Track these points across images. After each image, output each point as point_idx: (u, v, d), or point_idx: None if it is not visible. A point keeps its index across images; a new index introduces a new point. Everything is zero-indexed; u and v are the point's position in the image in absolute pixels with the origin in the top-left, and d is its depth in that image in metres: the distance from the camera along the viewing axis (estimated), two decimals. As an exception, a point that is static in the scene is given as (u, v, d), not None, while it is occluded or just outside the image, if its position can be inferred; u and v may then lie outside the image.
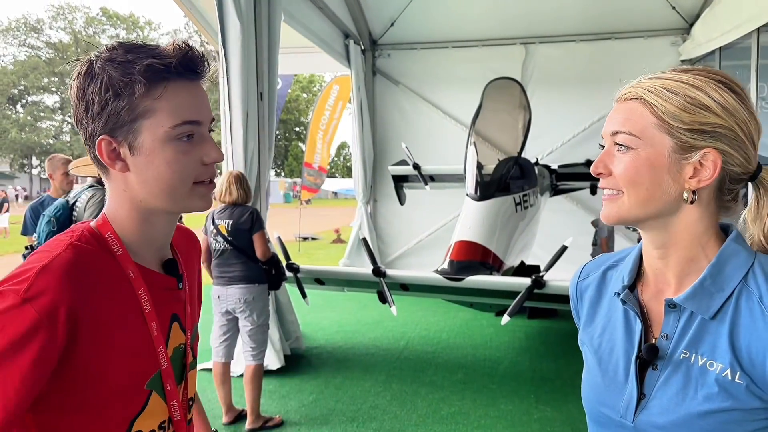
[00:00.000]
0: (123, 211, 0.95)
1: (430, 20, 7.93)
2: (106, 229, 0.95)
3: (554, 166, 6.70)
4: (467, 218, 5.13)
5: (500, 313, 6.07)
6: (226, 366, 3.89)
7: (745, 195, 0.94)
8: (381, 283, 4.58)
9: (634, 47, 7.63)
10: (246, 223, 3.78)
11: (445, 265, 4.81)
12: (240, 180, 3.89)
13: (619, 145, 0.91)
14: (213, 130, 0.97)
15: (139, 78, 0.87)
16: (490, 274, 4.88)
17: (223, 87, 4.64)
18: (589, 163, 6.79)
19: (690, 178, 0.88)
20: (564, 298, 4.48)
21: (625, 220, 0.93)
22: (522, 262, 5.83)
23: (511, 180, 5.42)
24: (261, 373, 3.86)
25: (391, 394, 4.34)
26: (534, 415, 3.99)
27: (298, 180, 18.12)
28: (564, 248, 4.45)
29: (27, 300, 0.81)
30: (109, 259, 0.92)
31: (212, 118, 0.96)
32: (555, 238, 6.28)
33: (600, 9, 7.30)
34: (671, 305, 0.91)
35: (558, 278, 4.41)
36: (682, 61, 7.59)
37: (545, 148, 7.65)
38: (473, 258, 4.86)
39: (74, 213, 3.62)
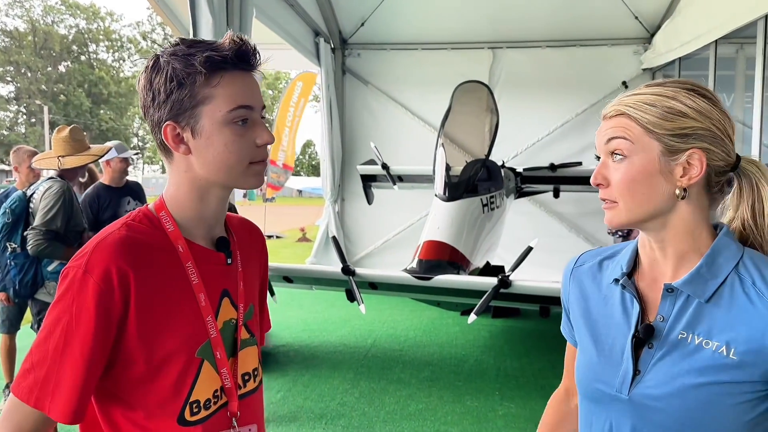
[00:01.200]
0: (182, 191, 1.05)
1: (400, 21, 8.00)
2: (160, 209, 1.06)
3: (519, 169, 6.84)
4: (436, 218, 5.21)
5: (465, 312, 6.19)
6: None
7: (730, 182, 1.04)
8: (350, 282, 4.61)
9: (599, 55, 7.84)
10: None
11: (414, 264, 4.88)
12: None
13: (614, 153, 1.00)
14: (264, 117, 1.07)
15: (200, 68, 0.98)
16: (458, 273, 4.96)
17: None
18: (552, 166, 6.97)
19: (681, 177, 0.97)
20: (528, 298, 4.61)
21: (628, 224, 1.01)
22: (487, 263, 5.95)
23: (479, 182, 5.52)
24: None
25: (360, 392, 4.38)
26: (499, 411, 4.09)
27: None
28: (529, 249, 4.56)
29: (87, 272, 0.95)
30: (160, 236, 1.03)
31: (263, 106, 1.05)
32: (519, 239, 6.41)
33: (566, 16, 7.47)
34: (669, 290, 1.00)
35: (523, 278, 4.52)
36: (644, 69, 7.84)
37: (510, 152, 7.79)
38: (441, 258, 4.94)
39: (30, 205, 3.57)
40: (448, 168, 5.54)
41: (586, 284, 1.14)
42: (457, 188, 5.33)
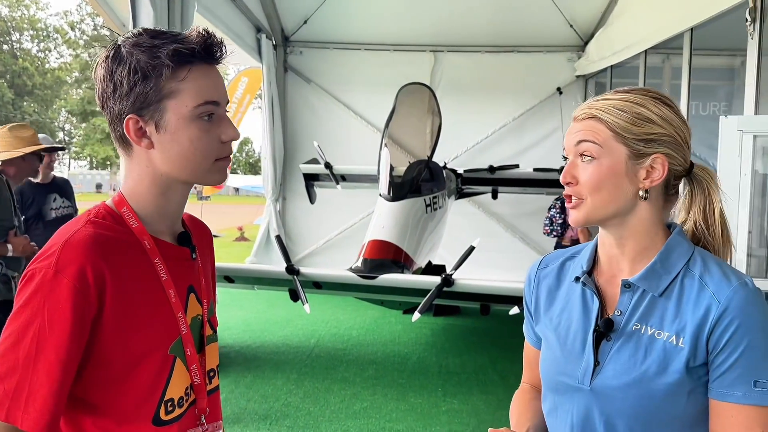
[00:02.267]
0: (142, 185, 1.02)
1: (343, 21, 8.01)
2: (121, 205, 1.03)
3: (460, 171, 6.99)
4: (380, 218, 5.26)
5: (408, 311, 6.27)
6: None
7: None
8: (294, 281, 4.59)
9: (535, 61, 8.10)
10: None
11: (359, 264, 4.90)
12: None
13: (583, 155, 1.05)
14: (228, 112, 1.05)
15: (167, 61, 0.95)
16: (402, 272, 5.03)
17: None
18: (492, 168, 7.16)
19: (644, 180, 1.04)
20: (470, 296, 4.72)
21: (592, 222, 1.07)
22: (429, 262, 6.05)
23: (422, 182, 5.61)
24: None
25: (304, 392, 4.37)
26: (442, 407, 4.17)
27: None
28: (471, 248, 4.68)
29: (58, 272, 0.90)
30: (125, 232, 1.00)
31: (227, 101, 1.03)
32: (458, 239, 6.55)
33: (504, 23, 7.66)
34: (626, 285, 1.06)
35: (465, 277, 4.63)
36: (577, 76, 8.16)
37: (451, 153, 7.92)
38: (386, 257, 4.99)
39: None
40: (392, 168, 5.60)
41: (550, 285, 1.20)
42: (401, 188, 5.40)
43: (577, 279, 1.13)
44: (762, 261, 4.19)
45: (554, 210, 5.92)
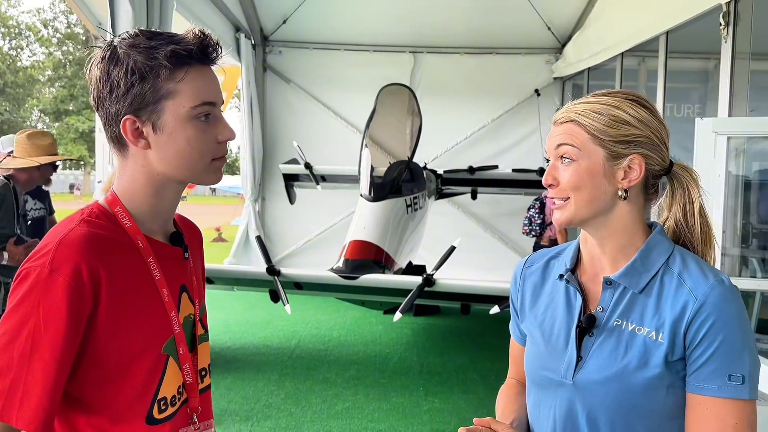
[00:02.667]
0: (137, 185, 1.03)
1: (322, 21, 7.99)
2: (114, 205, 1.03)
3: (440, 171, 7.02)
4: (362, 218, 5.27)
5: (388, 311, 6.28)
6: None
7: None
8: (275, 282, 4.57)
9: (513, 63, 8.17)
10: None
11: (340, 264, 4.90)
12: None
13: (563, 158, 1.08)
14: (222, 112, 1.06)
15: (164, 62, 0.96)
16: (383, 272, 5.04)
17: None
18: (471, 169, 7.21)
19: (622, 180, 1.06)
20: (450, 296, 4.75)
21: (574, 222, 1.09)
22: (410, 262, 6.07)
23: (403, 183, 5.62)
24: None
25: (285, 393, 4.36)
26: (424, 406, 4.19)
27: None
28: (452, 248, 4.71)
29: (53, 270, 0.91)
30: (119, 232, 1.00)
31: (223, 101, 1.04)
32: (438, 239, 6.58)
33: (483, 25, 7.72)
34: (608, 282, 1.09)
35: (445, 277, 4.66)
36: (555, 78, 8.26)
37: (430, 154, 7.95)
38: (367, 257, 5.00)
39: None
40: (373, 169, 5.61)
41: (536, 283, 1.22)
42: (382, 189, 5.41)
43: (561, 277, 1.16)
44: (735, 260, 4.29)
45: (533, 210, 5.99)
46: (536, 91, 8.17)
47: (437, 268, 4.65)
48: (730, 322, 0.99)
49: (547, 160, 1.13)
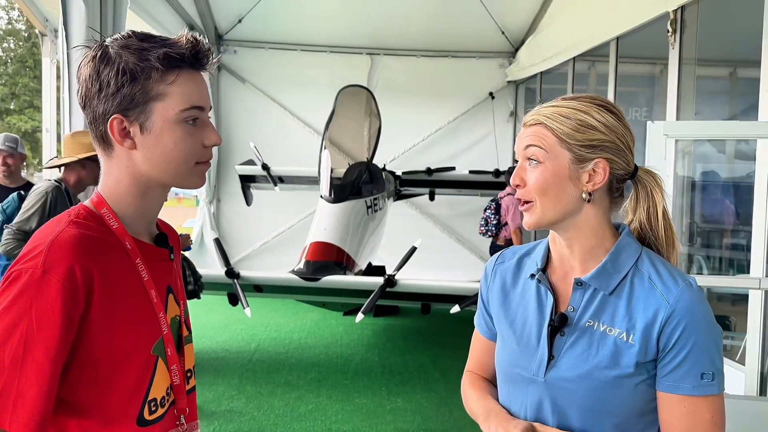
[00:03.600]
0: (122, 186, 1.03)
1: (279, 21, 7.92)
2: (101, 206, 1.02)
3: (398, 173, 7.07)
4: (322, 220, 5.25)
5: (348, 313, 6.28)
6: None
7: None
8: (234, 285, 4.51)
9: (469, 66, 8.30)
10: None
11: (301, 266, 4.88)
12: None
13: (530, 159, 1.10)
14: (209, 117, 1.07)
15: (156, 64, 0.97)
16: (344, 274, 5.04)
17: (63, 71, 4.28)
18: (429, 170, 7.28)
19: (587, 183, 1.09)
20: (411, 296, 4.79)
21: (542, 224, 1.11)
22: (369, 263, 6.09)
23: (363, 184, 5.64)
24: None
25: (246, 397, 4.30)
26: (387, 406, 4.21)
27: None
28: (414, 249, 4.75)
29: (46, 271, 0.90)
30: (107, 233, 1.00)
31: (211, 106, 1.05)
32: (396, 240, 6.63)
33: (439, 28, 7.80)
34: (578, 283, 1.11)
35: (405, 277, 4.70)
36: (509, 82, 8.43)
37: (388, 155, 7.99)
38: (328, 258, 4.99)
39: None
40: (332, 170, 5.60)
41: (506, 279, 1.24)
42: (342, 190, 5.41)
43: (533, 276, 1.18)
44: (683, 258, 4.48)
45: (489, 211, 6.09)
46: (491, 94, 8.33)
47: (399, 268, 4.68)
48: (701, 325, 1.04)
49: (516, 161, 1.16)
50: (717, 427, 1.04)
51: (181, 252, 3.94)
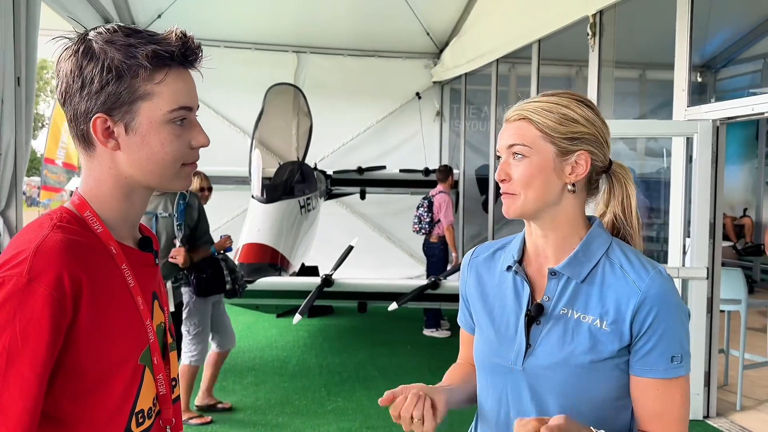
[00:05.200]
0: (104, 188, 0.98)
1: (200, 17, 7.67)
2: (83, 209, 0.97)
3: (329, 172, 7.04)
4: (255, 220, 5.16)
5: (281, 315, 6.19)
6: None
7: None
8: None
9: (395, 66, 8.38)
10: None
11: (235, 268, 4.75)
12: None
13: (515, 154, 1.13)
14: (197, 116, 1.02)
15: (144, 63, 0.92)
16: (279, 275, 4.97)
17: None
18: (360, 170, 7.31)
19: (569, 175, 1.13)
20: (349, 295, 4.79)
21: (525, 215, 1.15)
22: (302, 264, 6.03)
23: (295, 184, 5.58)
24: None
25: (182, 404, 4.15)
26: (327, 406, 4.18)
27: (36, 179, 15.81)
28: (350, 248, 4.76)
29: (32, 279, 0.84)
30: (91, 237, 0.94)
31: (198, 106, 1.00)
32: (326, 240, 6.62)
33: (365, 27, 7.83)
34: (552, 273, 1.15)
35: (343, 277, 4.70)
36: (434, 82, 8.58)
37: (318, 155, 7.94)
38: (262, 260, 4.91)
39: None
40: (264, 170, 5.51)
41: (482, 273, 1.27)
42: (275, 190, 5.33)
43: (509, 268, 1.21)
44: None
45: (422, 209, 6.18)
46: (417, 94, 8.45)
47: (336, 268, 4.67)
48: (671, 311, 1.09)
49: (498, 157, 1.18)
50: (684, 407, 1.10)
51: (222, 252, 3.96)
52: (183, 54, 0.95)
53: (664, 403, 1.09)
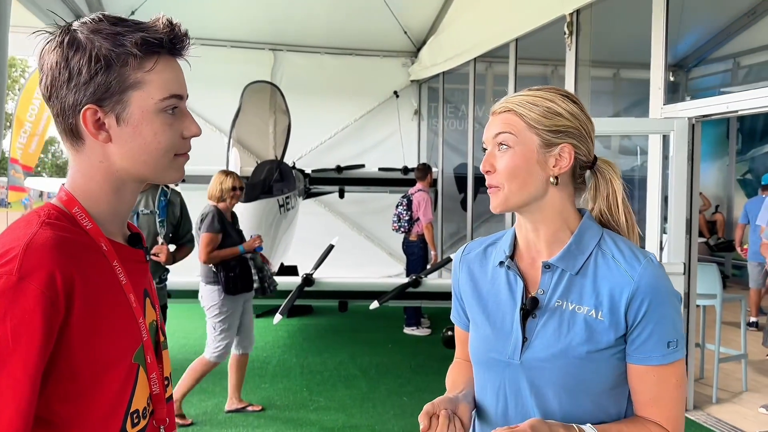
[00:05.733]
0: (93, 182, 0.95)
1: (175, 13, 7.09)
2: (71, 205, 0.94)
3: (308, 171, 7.00)
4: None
5: (260, 315, 6.13)
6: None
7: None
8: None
9: (372, 65, 8.37)
10: None
11: (214, 268, 4.69)
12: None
13: (501, 144, 1.14)
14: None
15: (133, 50, 0.90)
16: (259, 275, 4.91)
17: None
18: (339, 168, 7.28)
19: (553, 167, 1.14)
20: (330, 294, 4.77)
21: (510, 207, 1.15)
22: (281, 263, 5.99)
23: (274, 183, 5.53)
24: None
25: (160, 407, 4.09)
26: (310, 407, 4.16)
27: (3, 179, 15.45)
28: (331, 247, 4.74)
29: (23, 278, 0.81)
30: (81, 234, 0.92)
31: (188, 95, 0.98)
32: (306, 240, 6.58)
33: (343, 26, 7.81)
34: (546, 266, 1.16)
35: (323, 276, 4.67)
36: (412, 81, 8.59)
37: (295, 153, 7.90)
38: (242, 260, 4.84)
39: None
40: (242, 168, 5.45)
41: (474, 269, 1.28)
42: (254, 189, 5.27)
43: (501, 263, 1.22)
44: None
45: (401, 207, 6.18)
46: (395, 92, 8.45)
47: (316, 267, 4.65)
48: (664, 298, 1.11)
49: (484, 150, 1.19)
50: (680, 389, 1.12)
51: (254, 251, 3.93)
52: (171, 41, 0.93)
53: (661, 387, 1.11)
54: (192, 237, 3.77)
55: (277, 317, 4.38)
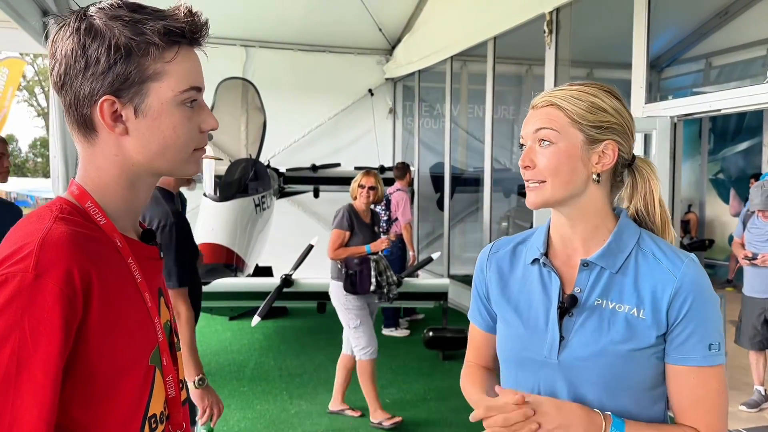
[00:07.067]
0: (108, 177, 0.90)
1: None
2: (84, 200, 0.89)
3: (282, 170, 6.87)
4: (209, 220, 4.96)
5: (234, 318, 5.99)
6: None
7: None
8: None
9: (347, 62, 8.27)
10: None
11: (189, 269, 4.55)
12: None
13: (542, 140, 1.10)
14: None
15: (155, 39, 0.85)
16: (235, 275, 4.80)
17: None
18: (314, 167, 7.16)
19: (596, 164, 1.11)
20: (308, 295, 4.66)
21: (550, 203, 1.11)
22: (256, 264, 5.86)
23: (249, 182, 5.41)
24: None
25: (134, 415, 3.93)
26: (290, 410, 4.06)
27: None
28: (310, 247, 4.64)
29: (39, 275, 0.76)
30: (95, 229, 0.87)
31: (205, 87, 0.94)
32: (280, 240, 6.45)
33: (316, 22, 7.68)
34: (585, 264, 1.12)
35: (303, 276, 4.57)
36: (387, 79, 8.52)
37: (269, 152, 7.75)
38: (218, 260, 4.72)
39: None
40: (216, 167, 5.31)
41: (503, 267, 1.24)
42: (228, 188, 5.14)
43: (535, 261, 1.18)
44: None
45: (380, 207, 6.09)
46: (370, 91, 8.37)
47: (296, 267, 4.55)
48: (707, 299, 1.08)
49: (522, 145, 1.15)
50: (722, 395, 1.08)
51: (379, 252, 3.87)
52: (191, 31, 0.89)
53: (700, 391, 1.07)
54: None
55: (256, 319, 4.27)
